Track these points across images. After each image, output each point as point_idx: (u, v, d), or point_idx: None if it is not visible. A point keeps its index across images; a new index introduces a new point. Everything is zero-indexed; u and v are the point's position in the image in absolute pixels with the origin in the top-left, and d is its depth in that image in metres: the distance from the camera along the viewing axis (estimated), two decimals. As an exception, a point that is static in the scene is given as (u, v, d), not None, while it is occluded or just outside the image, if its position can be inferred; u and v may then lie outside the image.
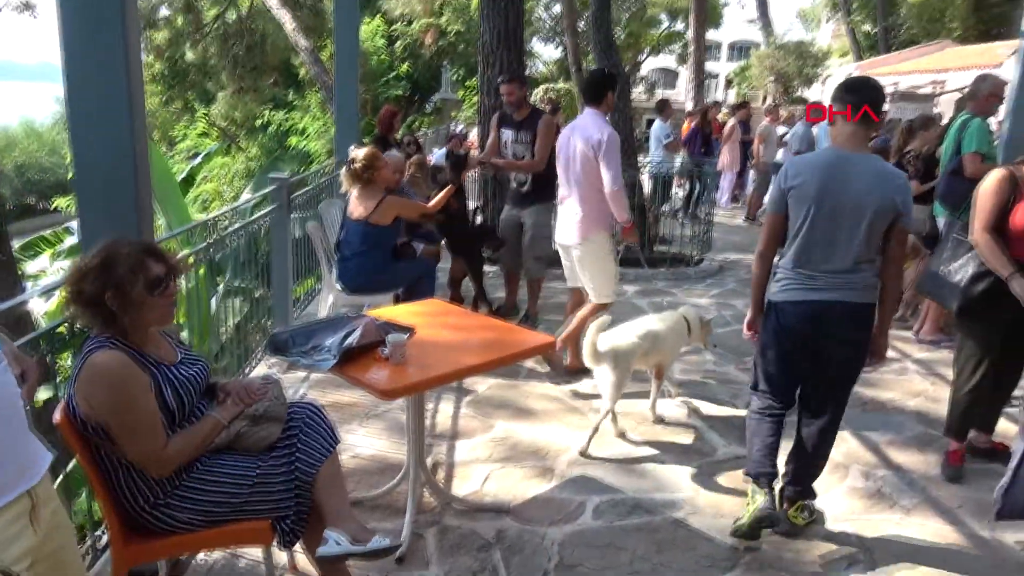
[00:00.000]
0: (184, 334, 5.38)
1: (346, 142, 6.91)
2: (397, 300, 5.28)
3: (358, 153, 4.84)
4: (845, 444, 4.07)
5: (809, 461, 3.15)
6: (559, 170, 4.68)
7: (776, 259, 3.10)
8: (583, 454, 3.86)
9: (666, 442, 4.04)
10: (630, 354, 3.87)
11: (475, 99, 8.07)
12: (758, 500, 3.09)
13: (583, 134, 4.39)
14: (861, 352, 2.96)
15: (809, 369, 3.04)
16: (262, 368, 4.77)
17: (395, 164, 5.68)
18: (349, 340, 2.94)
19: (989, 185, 3.42)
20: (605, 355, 3.81)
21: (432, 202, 5.30)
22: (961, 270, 3.52)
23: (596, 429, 3.92)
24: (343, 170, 4.88)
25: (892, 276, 2.93)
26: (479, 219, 6.58)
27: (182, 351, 2.51)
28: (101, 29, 2.67)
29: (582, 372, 4.73)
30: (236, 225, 4.66)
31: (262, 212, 4.98)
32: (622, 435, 4.09)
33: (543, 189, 5.54)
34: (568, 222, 4.55)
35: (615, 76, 4.64)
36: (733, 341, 5.56)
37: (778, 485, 3.19)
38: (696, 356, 5.29)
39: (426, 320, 3.42)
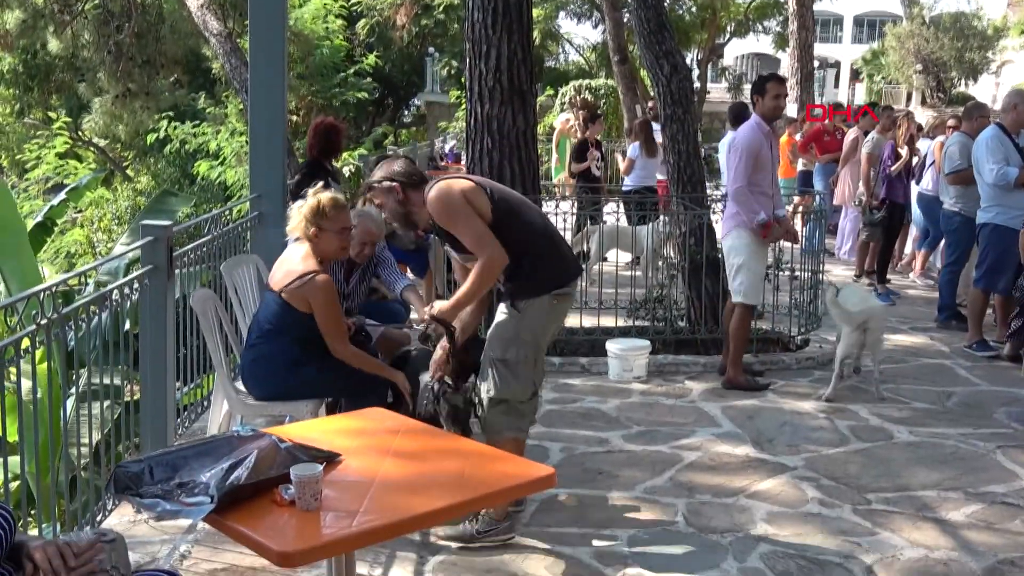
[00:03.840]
0: (14, 459, 5.38)
1: (265, 170, 7.01)
2: (335, 410, 5.22)
3: (324, 194, 4.78)
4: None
5: None
6: None
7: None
8: (827, 399, 6.70)
9: None
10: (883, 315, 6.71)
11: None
12: None
13: None
14: None
15: None
16: (118, 516, 4.72)
17: (364, 230, 5.49)
18: (236, 473, 2.94)
19: None
20: (858, 317, 6.41)
21: (366, 365, 4.98)
22: None
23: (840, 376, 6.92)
24: (297, 205, 4.85)
25: None
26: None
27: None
28: None
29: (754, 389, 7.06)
30: (92, 293, 4.68)
31: (129, 276, 5.01)
32: (830, 399, 6.71)
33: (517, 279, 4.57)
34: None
35: (762, 78, 6.93)
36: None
37: None
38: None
39: (361, 441, 3.44)
